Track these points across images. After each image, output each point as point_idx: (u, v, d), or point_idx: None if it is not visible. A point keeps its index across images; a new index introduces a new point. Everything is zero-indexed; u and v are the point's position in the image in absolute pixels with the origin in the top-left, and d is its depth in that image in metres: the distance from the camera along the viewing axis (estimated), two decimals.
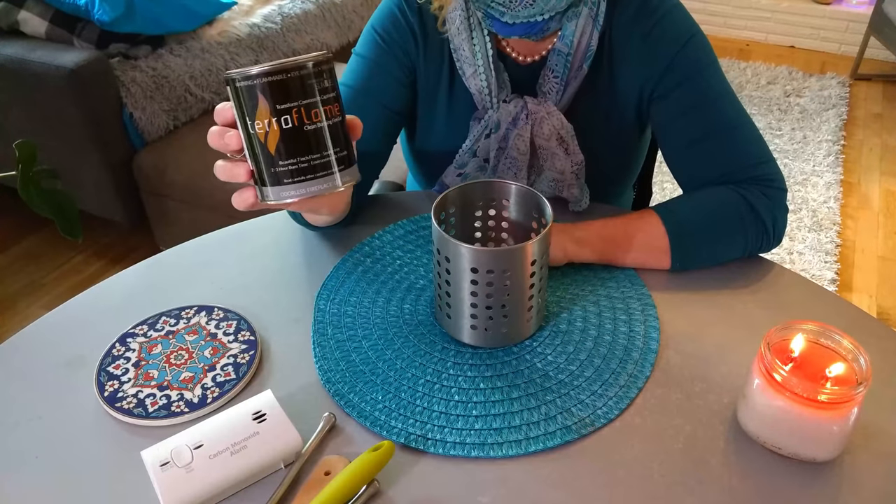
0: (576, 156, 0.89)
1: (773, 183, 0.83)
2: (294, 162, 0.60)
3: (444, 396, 0.67)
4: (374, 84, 0.90)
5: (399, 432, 0.64)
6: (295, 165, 0.60)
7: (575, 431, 0.64)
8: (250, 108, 0.59)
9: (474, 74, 0.87)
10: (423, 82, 0.93)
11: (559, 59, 0.85)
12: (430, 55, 0.91)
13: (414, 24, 0.90)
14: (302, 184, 0.61)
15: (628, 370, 0.69)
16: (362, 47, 0.92)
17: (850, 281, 2.07)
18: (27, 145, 1.15)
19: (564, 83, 0.86)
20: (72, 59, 1.71)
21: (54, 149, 1.88)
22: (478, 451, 0.62)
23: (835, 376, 0.60)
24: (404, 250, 0.86)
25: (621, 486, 0.60)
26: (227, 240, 0.89)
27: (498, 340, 0.72)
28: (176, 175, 1.85)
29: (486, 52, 0.86)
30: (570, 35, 0.84)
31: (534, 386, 0.68)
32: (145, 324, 0.76)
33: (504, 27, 0.81)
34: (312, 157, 0.60)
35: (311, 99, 0.59)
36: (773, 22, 3.49)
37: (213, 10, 2.06)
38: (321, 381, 0.69)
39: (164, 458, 0.60)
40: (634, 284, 0.80)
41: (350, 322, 0.76)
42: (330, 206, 0.75)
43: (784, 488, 0.60)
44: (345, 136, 0.62)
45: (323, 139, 0.60)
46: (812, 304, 0.78)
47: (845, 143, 2.70)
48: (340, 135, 0.62)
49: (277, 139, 0.59)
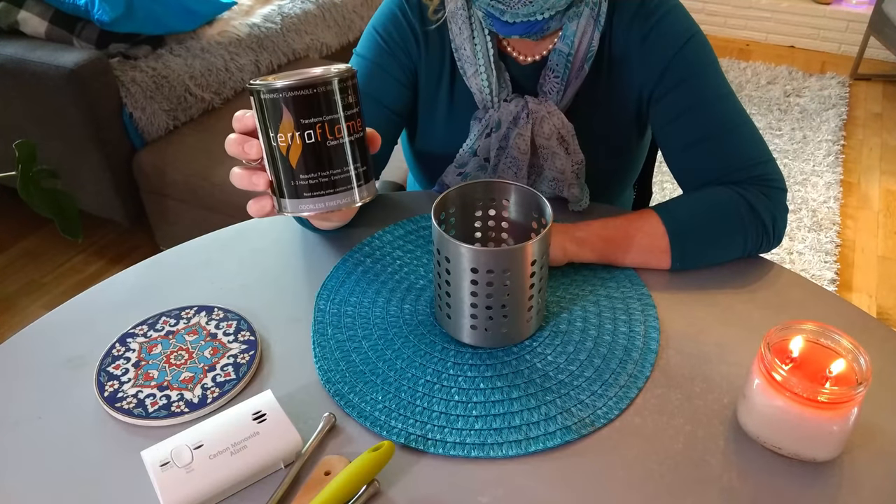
0: (576, 155, 0.89)
1: (773, 183, 0.83)
2: (315, 176, 0.60)
3: (444, 396, 0.67)
4: (375, 85, 0.90)
5: (399, 432, 0.64)
6: (315, 180, 0.60)
7: (575, 431, 0.64)
8: (274, 120, 0.59)
9: (475, 74, 0.87)
10: (424, 82, 0.93)
11: (560, 59, 0.85)
12: (432, 55, 0.91)
13: (415, 25, 0.90)
14: (321, 198, 0.61)
15: (628, 370, 0.69)
16: (363, 48, 0.92)
17: (850, 281, 2.07)
18: (27, 145, 1.15)
19: (565, 83, 0.86)
20: (72, 59, 1.71)
21: (54, 149, 1.88)
22: (478, 451, 0.62)
23: (835, 376, 0.60)
24: (404, 250, 0.86)
25: (621, 486, 0.60)
26: (227, 240, 0.89)
27: (498, 340, 0.72)
28: (176, 175, 1.84)
29: (487, 52, 0.86)
30: (571, 35, 0.84)
31: (534, 386, 0.68)
32: (145, 324, 0.76)
33: (504, 26, 0.81)
34: (333, 172, 0.60)
35: (335, 115, 0.59)
36: (773, 22, 3.49)
37: (213, 9, 2.06)
38: (321, 381, 0.69)
39: (164, 458, 0.60)
40: (634, 284, 0.80)
41: (350, 322, 0.76)
42: (342, 215, 0.76)
43: (784, 488, 0.60)
44: (365, 151, 0.62)
45: (344, 155, 0.60)
46: (812, 304, 0.78)
47: (845, 143, 2.70)
48: (361, 150, 0.62)
49: (299, 153, 0.59)
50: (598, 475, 0.61)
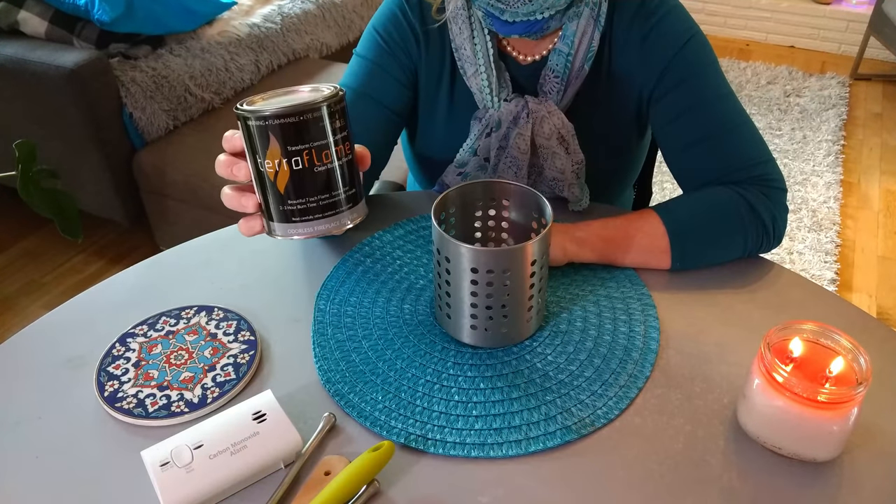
0: (576, 155, 0.89)
1: (773, 183, 0.83)
2: (303, 202, 0.60)
3: (444, 396, 0.67)
4: (375, 85, 0.90)
5: (399, 432, 0.64)
6: (304, 205, 0.60)
7: (575, 431, 0.64)
8: (261, 146, 0.58)
9: (475, 73, 0.87)
10: (424, 82, 0.93)
11: (560, 59, 0.85)
12: (432, 55, 0.91)
13: (415, 25, 0.90)
14: (310, 223, 0.61)
15: (628, 370, 0.69)
16: (363, 48, 0.92)
17: (850, 281, 2.07)
18: (27, 145, 1.15)
19: (565, 83, 0.86)
20: (72, 59, 1.71)
21: (54, 149, 1.88)
22: (478, 451, 0.62)
23: (835, 376, 0.60)
24: (404, 250, 0.86)
25: (621, 486, 0.60)
26: (227, 240, 0.89)
27: (498, 340, 0.72)
28: (176, 175, 1.85)
29: (486, 52, 0.86)
30: (571, 35, 0.84)
31: (534, 386, 0.68)
32: (145, 324, 0.76)
33: (504, 25, 0.81)
34: (321, 198, 0.60)
35: (323, 140, 0.59)
36: (773, 22, 3.49)
37: (213, 9, 2.06)
38: (321, 381, 0.69)
39: (164, 458, 0.60)
40: (634, 284, 0.80)
41: (350, 322, 0.76)
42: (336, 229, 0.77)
43: (784, 488, 0.60)
44: (354, 172, 0.62)
45: (333, 179, 0.60)
46: (812, 304, 0.78)
47: (845, 143, 2.70)
48: (350, 173, 0.62)
49: (287, 179, 0.59)
50: (599, 475, 0.61)
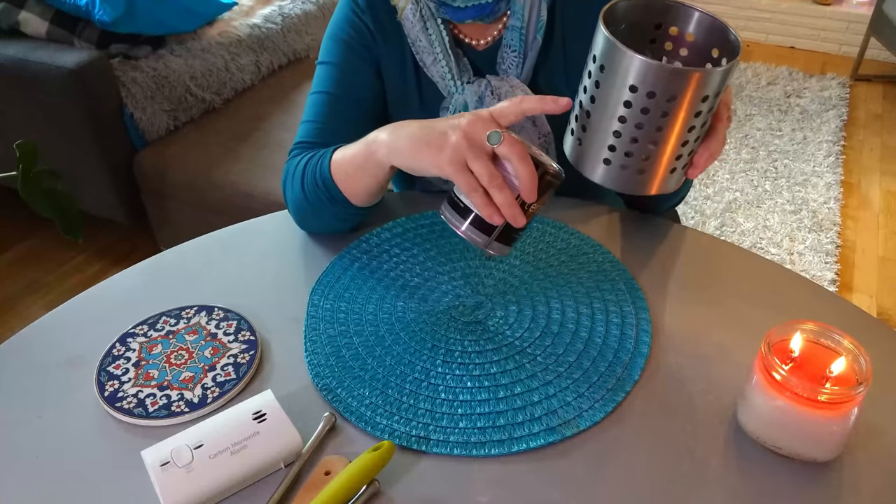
0: (542, 127, 0.91)
1: None
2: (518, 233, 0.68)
3: (448, 397, 0.67)
4: (348, 86, 0.92)
5: (393, 431, 0.64)
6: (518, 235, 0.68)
7: (574, 426, 0.64)
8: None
9: (434, 62, 0.90)
10: (389, 79, 0.95)
11: (514, 34, 0.88)
12: (391, 52, 0.93)
13: (369, 23, 0.92)
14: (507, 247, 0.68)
15: (629, 370, 0.69)
16: (327, 55, 0.93)
17: (851, 281, 2.07)
18: (28, 145, 1.15)
19: (523, 56, 0.89)
20: (72, 60, 1.71)
21: (55, 149, 1.88)
22: (479, 450, 0.62)
23: (835, 376, 0.60)
24: (401, 248, 0.86)
25: (621, 486, 0.60)
26: (227, 240, 0.89)
27: (629, 184, 0.62)
28: (176, 175, 1.85)
29: (442, 39, 0.89)
30: (519, 10, 0.87)
31: (535, 381, 0.68)
32: (145, 324, 0.76)
33: (456, 12, 0.85)
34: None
35: None
36: (773, 22, 3.49)
37: (214, 10, 2.06)
38: (310, 375, 0.69)
39: (164, 458, 0.60)
40: (629, 287, 0.80)
41: (343, 318, 0.76)
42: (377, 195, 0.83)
43: (784, 488, 0.60)
44: None
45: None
46: (812, 304, 0.78)
47: (845, 144, 2.70)
48: None
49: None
50: (599, 475, 0.61)
